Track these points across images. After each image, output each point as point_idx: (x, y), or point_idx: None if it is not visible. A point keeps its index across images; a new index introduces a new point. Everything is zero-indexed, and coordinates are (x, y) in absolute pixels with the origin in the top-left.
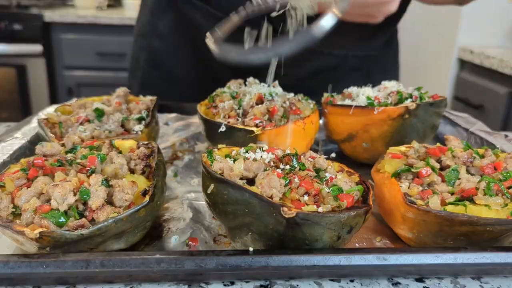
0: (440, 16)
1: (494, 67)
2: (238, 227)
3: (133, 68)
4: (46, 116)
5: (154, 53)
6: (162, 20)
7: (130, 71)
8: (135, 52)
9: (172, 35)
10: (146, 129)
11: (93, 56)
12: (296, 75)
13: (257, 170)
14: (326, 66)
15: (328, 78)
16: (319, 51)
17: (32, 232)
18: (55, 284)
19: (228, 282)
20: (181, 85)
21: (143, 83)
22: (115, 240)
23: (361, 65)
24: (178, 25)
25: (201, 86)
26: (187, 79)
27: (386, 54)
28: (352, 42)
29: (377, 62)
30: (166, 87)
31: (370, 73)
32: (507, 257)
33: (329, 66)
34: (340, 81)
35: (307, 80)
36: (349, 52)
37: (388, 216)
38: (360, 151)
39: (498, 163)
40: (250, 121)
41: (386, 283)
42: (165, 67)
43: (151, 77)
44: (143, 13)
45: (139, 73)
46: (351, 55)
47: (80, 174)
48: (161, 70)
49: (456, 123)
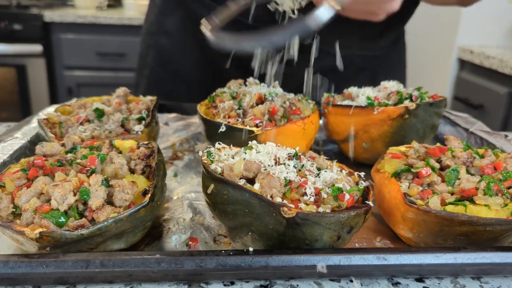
0: (440, 16)
1: (494, 67)
2: (238, 227)
3: (140, 66)
4: (46, 116)
5: (162, 51)
6: (170, 18)
7: (138, 69)
8: (143, 50)
9: (180, 33)
10: (146, 129)
11: (93, 56)
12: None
13: (257, 170)
14: (333, 66)
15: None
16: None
17: (32, 232)
18: (55, 284)
19: (228, 282)
20: (188, 83)
21: (151, 81)
22: (115, 240)
23: (367, 65)
24: (186, 23)
25: (208, 84)
26: (195, 77)
27: (393, 55)
28: (358, 42)
29: (383, 63)
30: (174, 85)
31: (377, 74)
32: (507, 257)
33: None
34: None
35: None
36: (355, 52)
37: (388, 216)
38: (360, 151)
39: (498, 163)
40: (250, 121)
41: (386, 283)
42: (173, 65)
43: (159, 75)
44: (151, 11)
45: (147, 71)
46: (357, 55)
47: (80, 174)
48: (169, 68)
49: (456, 123)
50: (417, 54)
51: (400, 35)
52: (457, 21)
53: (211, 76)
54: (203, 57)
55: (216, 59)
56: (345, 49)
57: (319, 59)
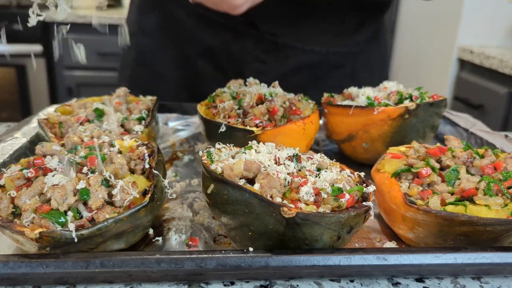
0: (440, 16)
1: (494, 67)
2: (238, 227)
3: (122, 67)
4: (46, 116)
5: (142, 52)
6: (149, 18)
7: (119, 70)
8: (124, 50)
9: (159, 33)
10: (146, 129)
11: (93, 56)
12: (277, 72)
13: (257, 170)
14: (308, 62)
15: (310, 75)
16: (299, 47)
17: (32, 232)
18: (55, 284)
19: (228, 282)
20: (167, 83)
21: (131, 81)
22: (115, 240)
23: (344, 62)
24: (164, 23)
25: (187, 84)
26: (174, 76)
27: (372, 52)
28: (332, 38)
29: (361, 60)
30: (154, 85)
31: (356, 71)
32: (507, 257)
33: (311, 63)
34: (323, 78)
35: (289, 77)
36: (330, 49)
37: (388, 216)
38: (360, 151)
39: (498, 163)
40: (250, 121)
41: (386, 283)
42: (152, 65)
43: (140, 75)
44: (131, 11)
45: (128, 72)
46: (332, 52)
47: (80, 174)
48: (149, 68)
49: (456, 123)
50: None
51: (378, 30)
52: (457, 21)
53: (189, 75)
54: (181, 57)
55: (193, 58)
56: (319, 45)
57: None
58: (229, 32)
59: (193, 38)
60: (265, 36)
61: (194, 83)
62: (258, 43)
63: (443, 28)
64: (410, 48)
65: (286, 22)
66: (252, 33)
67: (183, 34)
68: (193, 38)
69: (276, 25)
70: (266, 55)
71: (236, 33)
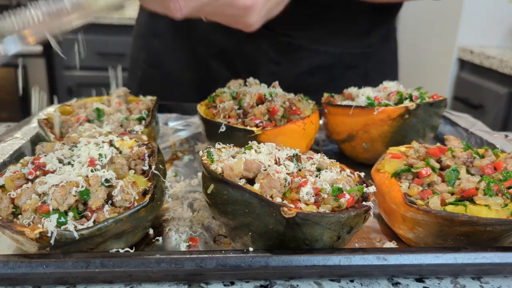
0: (440, 16)
1: (494, 67)
2: (238, 227)
3: (132, 68)
4: (46, 116)
5: (153, 53)
6: (160, 20)
7: (129, 72)
8: (134, 52)
9: (170, 35)
10: (146, 129)
11: (93, 56)
12: (292, 73)
13: (257, 170)
14: (323, 64)
15: (325, 76)
16: (314, 49)
17: (32, 232)
18: (55, 284)
19: (228, 282)
20: (179, 85)
21: (142, 83)
22: (115, 240)
23: (358, 63)
24: (176, 25)
25: (199, 85)
26: (185, 79)
27: (383, 52)
28: (346, 39)
29: (374, 60)
30: (165, 87)
31: (368, 72)
32: (507, 257)
33: (326, 64)
34: (337, 79)
35: (304, 79)
36: (344, 50)
37: (388, 216)
38: (360, 151)
39: (498, 163)
40: (250, 121)
41: (386, 283)
42: (164, 67)
43: (150, 77)
44: (141, 13)
45: (138, 73)
46: (346, 53)
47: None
48: (160, 70)
49: (456, 123)
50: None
51: (390, 31)
52: (457, 21)
53: (201, 78)
54: (193, 59)
55: (207, 60)
56: (333, 47)
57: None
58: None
59: (206, 39)
60: (280, 38)
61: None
62: (273, 44)
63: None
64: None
65: (301, 23)
66: (266, 34)
67: (196, 35)
68: (206, 39)
69: (291, 26)
70: (280, 56)
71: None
